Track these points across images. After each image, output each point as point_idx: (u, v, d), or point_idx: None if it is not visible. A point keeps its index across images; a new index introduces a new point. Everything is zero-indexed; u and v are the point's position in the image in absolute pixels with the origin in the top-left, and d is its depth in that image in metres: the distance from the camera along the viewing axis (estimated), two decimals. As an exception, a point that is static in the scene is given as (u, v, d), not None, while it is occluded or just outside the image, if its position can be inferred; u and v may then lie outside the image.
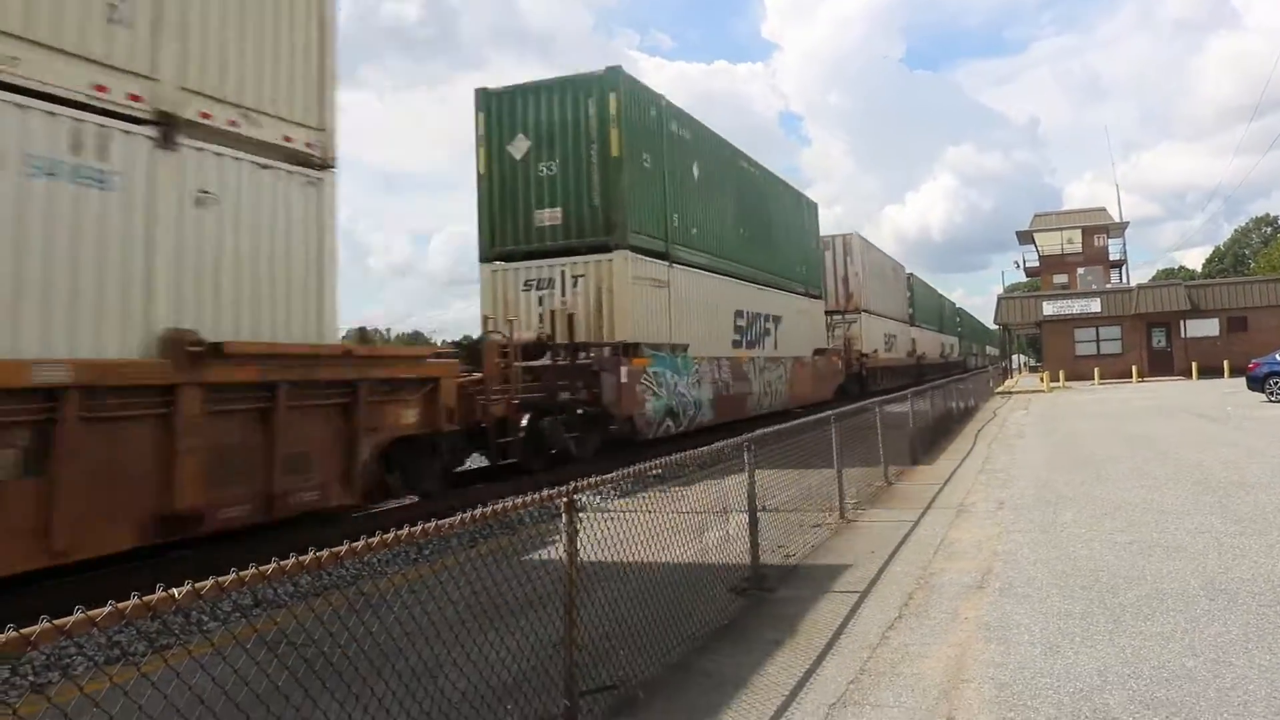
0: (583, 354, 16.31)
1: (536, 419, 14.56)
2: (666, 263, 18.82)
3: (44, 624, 2.37)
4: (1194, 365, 44.75)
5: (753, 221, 24.80)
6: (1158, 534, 8.83)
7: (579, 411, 15.62)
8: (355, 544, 3.41)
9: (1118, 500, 10.89)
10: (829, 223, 33.66)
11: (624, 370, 16.08)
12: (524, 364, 14.70)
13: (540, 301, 17.49)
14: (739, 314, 23.01)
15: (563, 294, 17.27)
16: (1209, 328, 47.87)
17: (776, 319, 25.96)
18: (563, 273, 17.36)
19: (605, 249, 17.12)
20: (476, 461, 14.39)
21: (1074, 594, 6.90)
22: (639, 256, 17.65)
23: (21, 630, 2.33)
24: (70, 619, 2.44)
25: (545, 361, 15.81)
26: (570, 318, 16.87)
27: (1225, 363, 43.68)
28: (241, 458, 8.21)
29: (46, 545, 6.55)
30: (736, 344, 22.74)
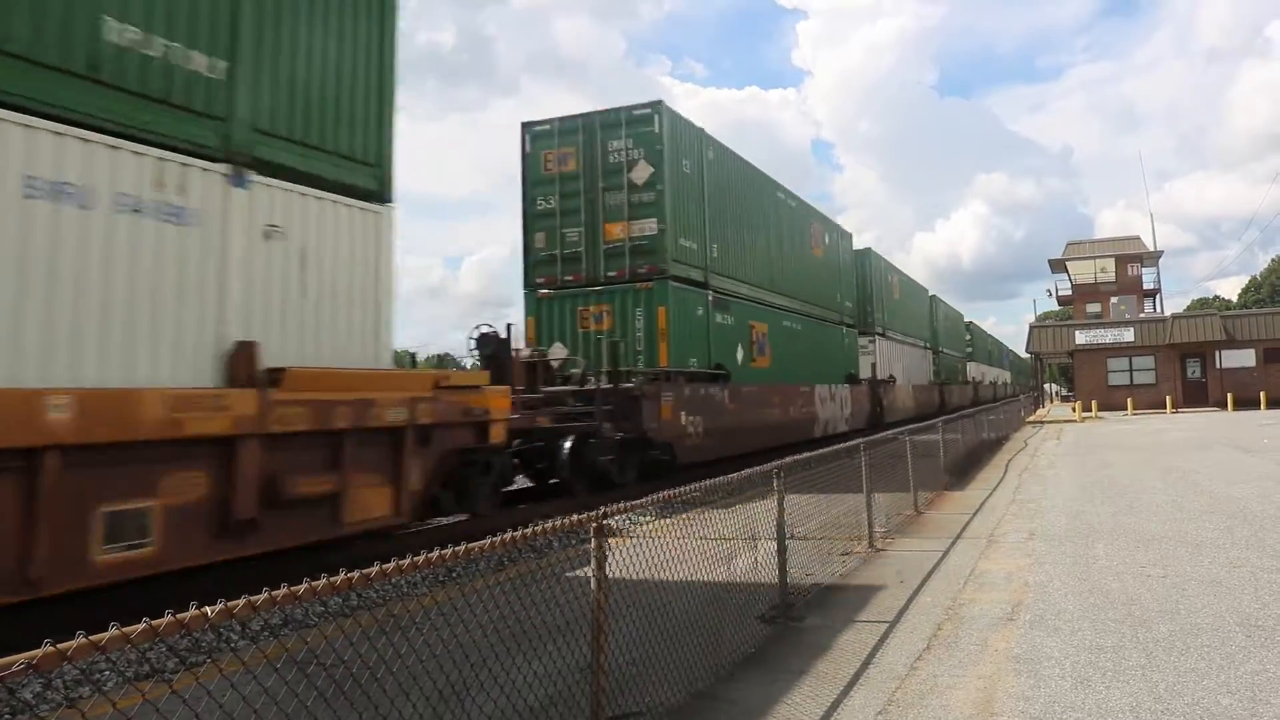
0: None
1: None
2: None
3: (80, 639, 2.40)
4: (1229, 396, 44.19)
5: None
6: (1192, 568, 8.71)
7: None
8: (385, 566, 3.43)
9: (1151, 533, 10.75)
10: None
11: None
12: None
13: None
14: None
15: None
16: (1245, 358, 47.27)
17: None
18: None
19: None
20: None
21: (1106, 627, 6.81)
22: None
23: (58, 645, 2.36)
24: (105, 635, 2.47)
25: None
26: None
27: (1262, 394, 43.13)
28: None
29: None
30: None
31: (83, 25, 7.21)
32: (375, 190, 10.15)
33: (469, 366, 16.02)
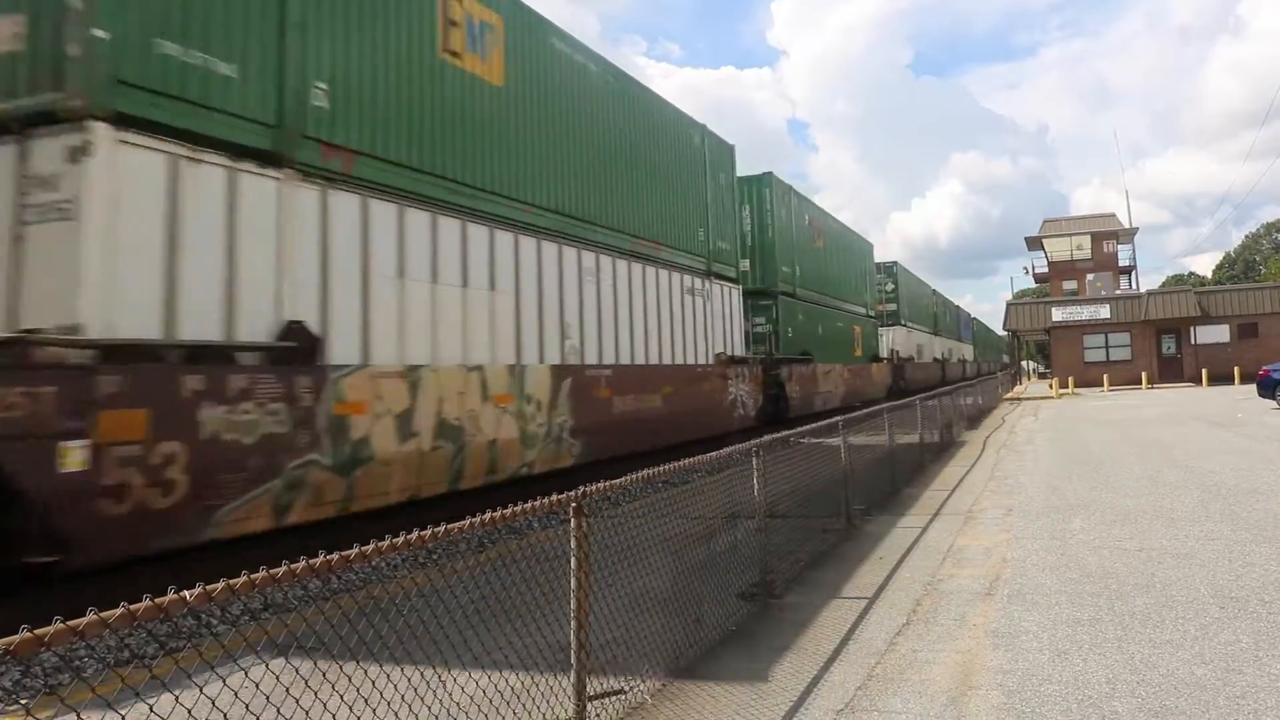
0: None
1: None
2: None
3: (57, 624, 2.39)
4: (1204, 372, 44.65)
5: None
6: (1167, 541, 8.81)
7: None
8: (365, 548, 3.42)
9: (1127, 507, 10.86)
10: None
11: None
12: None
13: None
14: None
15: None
16: (1219, 334, 47.75)
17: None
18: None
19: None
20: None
21: (1083, 601, 6.88)
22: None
23: (36, 631, 2.34)
24: (83, 620, 2.45)
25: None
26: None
27: (1236, 369, 43.54)
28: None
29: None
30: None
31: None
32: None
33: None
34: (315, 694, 3.69)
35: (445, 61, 11.43)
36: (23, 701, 5.56)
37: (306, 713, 3.61)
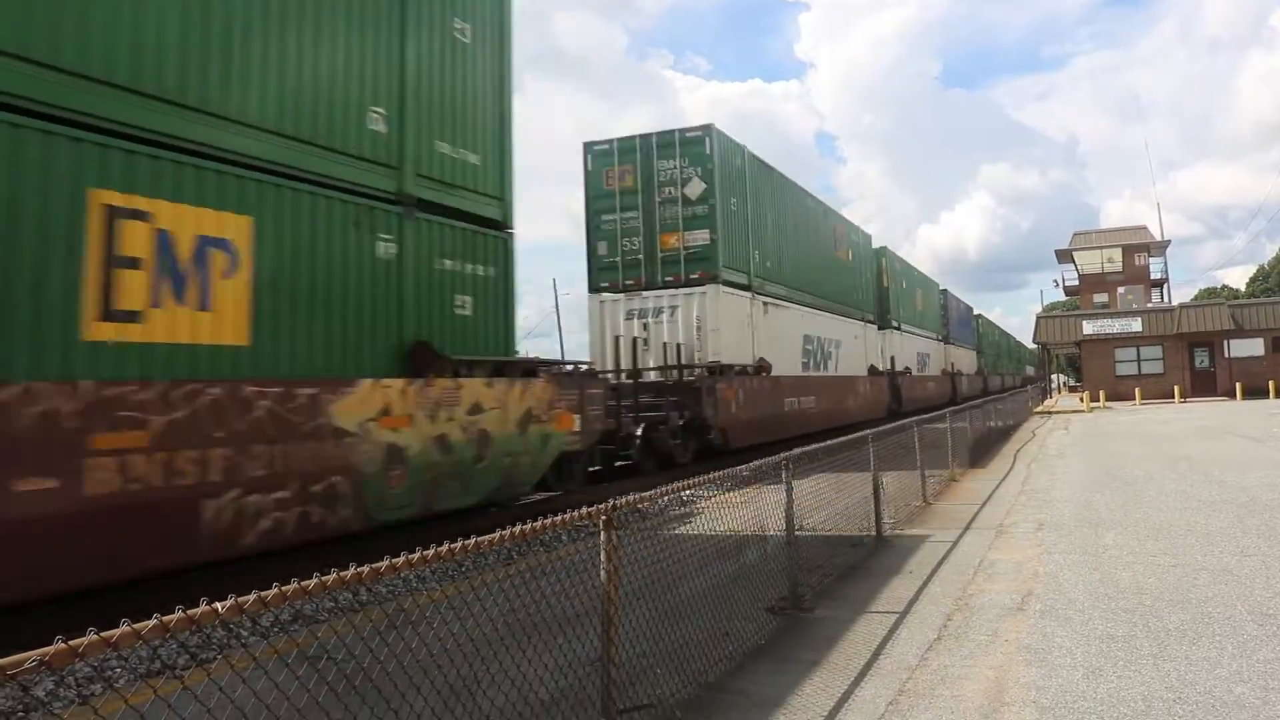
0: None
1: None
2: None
3: (91, 636, 2.40)
4: (1238, 386, 44.07)
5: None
6: (1202, 557, 8.68)
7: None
8: (394, 560, 3.43)
9: (1161, 522, 10.72)
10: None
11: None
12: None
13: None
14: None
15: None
16: (1253, 347, 47.14)
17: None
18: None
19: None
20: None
21: (1117, 617, 6.79)
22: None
23: (70, 642, 2.36)
24: (117, 631, 2.47)
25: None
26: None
27: (1270, 383, 42.99)
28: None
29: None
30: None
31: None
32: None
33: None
34: (345, 705, 3.71)
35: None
36: (56, 711, 5.60)
37: (336, 725, 3.62)
